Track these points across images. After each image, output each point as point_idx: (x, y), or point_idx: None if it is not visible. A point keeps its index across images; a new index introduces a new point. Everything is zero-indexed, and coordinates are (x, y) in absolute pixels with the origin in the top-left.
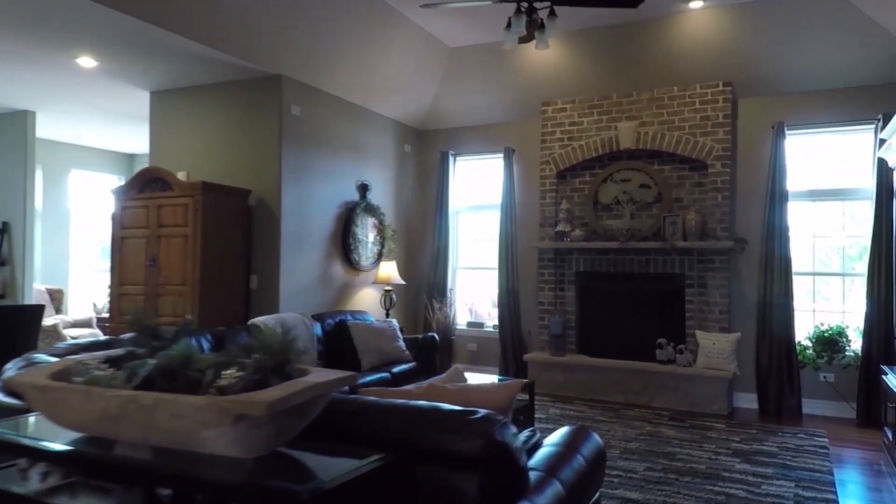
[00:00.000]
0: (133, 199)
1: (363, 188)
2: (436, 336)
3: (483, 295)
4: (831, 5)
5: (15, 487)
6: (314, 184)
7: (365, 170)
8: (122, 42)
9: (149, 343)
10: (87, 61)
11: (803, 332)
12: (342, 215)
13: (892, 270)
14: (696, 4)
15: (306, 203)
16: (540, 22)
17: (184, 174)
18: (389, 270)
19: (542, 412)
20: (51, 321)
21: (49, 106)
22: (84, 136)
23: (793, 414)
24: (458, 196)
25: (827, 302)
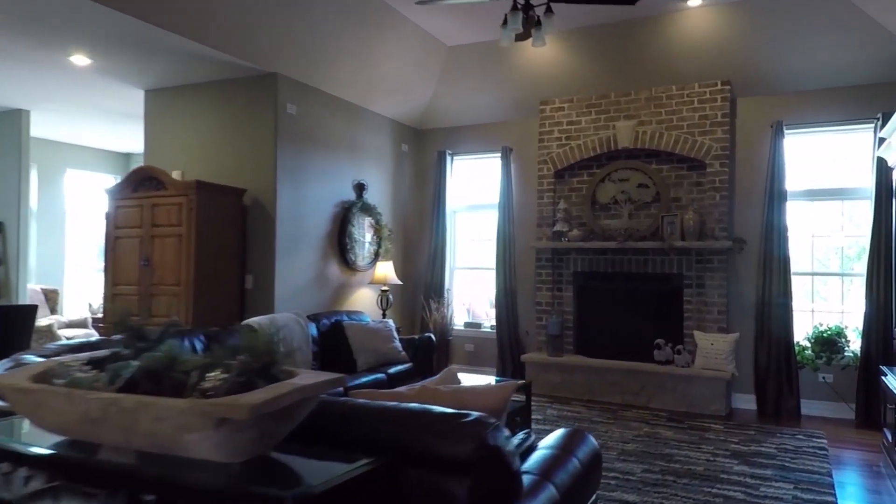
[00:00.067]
0: (127, 199)
1: (360, 188)
2: (432, 336)
3: (480, 295)
4: (830, 4)
5: None
6: (310, 183)
7: (361, 169)
8: (116, 40)
9: (133, 344)
10: (81, 59)
11: (802, 333)
12: (338, 215)
13: (892, 270)
14: (695, 3)
15: (302, 202)
16: (537, 19)
17: (178, 173)
18: (386, 270)
19: (540, 413)
20: (45, 321)
21: (43, 105)
22: (80, 136)
23: (791, 415)
24: (456, 196)
25: (826, 302)
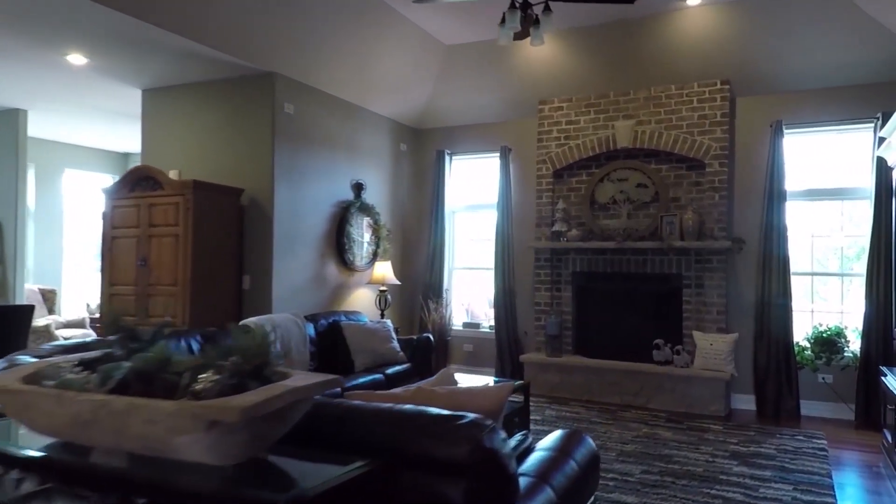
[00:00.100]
0: (124, 199)
1: (358, 187)
2: (431, 337)
3: (479, 295)
4: (830, 2)
5: None
6: (308, 183)
7: (360, 169)
8: (113, 39)
9: (126, 345)
10: (77, 58)
11: (801, 333)
12: (336, 215)
13: (892, 270)
14: (694, 2)
15: (300, 202)
16: (535, 17)
17: (175, 173)
18: (384, 271)
19: (538, 414)
20: (43, 321)
21: (41, 104)
22: (77, 135)
23: (791, 415)
24: (455, 195)
25: (825, 302)
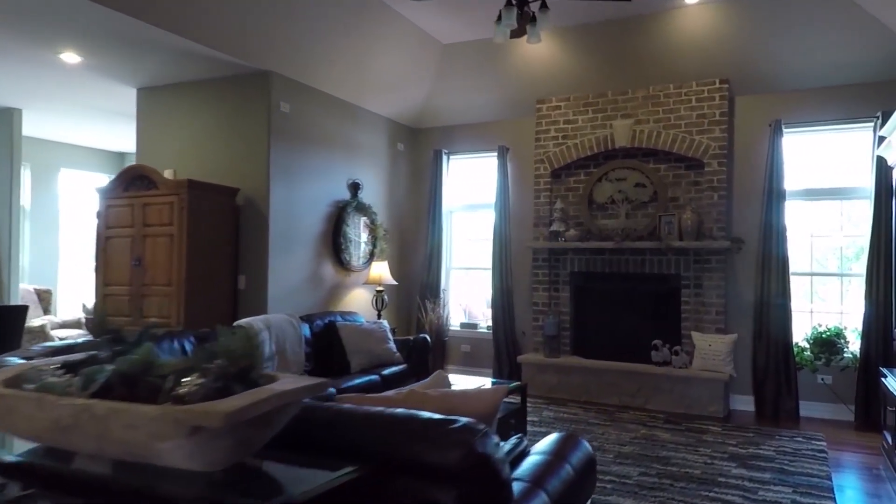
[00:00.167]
0: (118, 198)
1: (354, 187)
2: (427, 337)
3: (477, 295)
4: (830, 1)
5: None
6: (304, 182)
7: (356, 168)
8: (107, 37)
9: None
10: (71, 57)
11: (801, 334)
12: (333, 214)
13: (892, 270)
14: (693, 0)
15: (296, 202)
16: (531, 15)
17: (170, 172)
18: (381, 271)
19: (536, 415)
20: (38, 322)
21: (35, 103)
22: (73, 135)
23: (790, 417)
24: (452, 195)
25: (825, 303)
